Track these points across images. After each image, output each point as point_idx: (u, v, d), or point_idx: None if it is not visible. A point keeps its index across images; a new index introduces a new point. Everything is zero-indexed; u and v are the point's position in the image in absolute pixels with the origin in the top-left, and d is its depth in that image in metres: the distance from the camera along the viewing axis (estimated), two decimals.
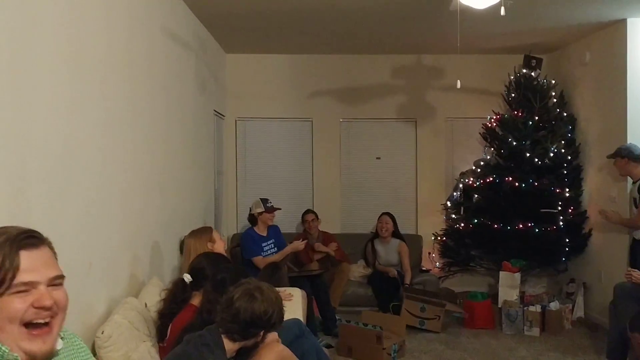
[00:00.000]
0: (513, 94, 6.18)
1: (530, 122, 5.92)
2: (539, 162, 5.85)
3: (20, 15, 2.14)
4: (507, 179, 5.85)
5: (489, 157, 6.29)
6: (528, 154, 5.85)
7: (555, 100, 6.10)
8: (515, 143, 5.92)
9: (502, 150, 6.08)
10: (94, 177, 2.79)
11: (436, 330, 5.30)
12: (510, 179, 5.83)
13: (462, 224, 6.20)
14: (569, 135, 6.05)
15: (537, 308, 5.38)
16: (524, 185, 5.79)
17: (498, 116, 6.24)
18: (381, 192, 6.87)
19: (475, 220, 6.04)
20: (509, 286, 5.61)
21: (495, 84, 6.49)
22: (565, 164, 5.96)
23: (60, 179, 2.44)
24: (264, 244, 5.31)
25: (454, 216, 6.40)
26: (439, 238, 6.51)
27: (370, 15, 5.04)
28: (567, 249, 5.90)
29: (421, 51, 6.60)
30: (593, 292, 5.76)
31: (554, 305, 5.47)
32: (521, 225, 5.77)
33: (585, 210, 5.97)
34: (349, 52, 6.63)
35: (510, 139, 5.95)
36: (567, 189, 5.86)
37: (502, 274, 5.69)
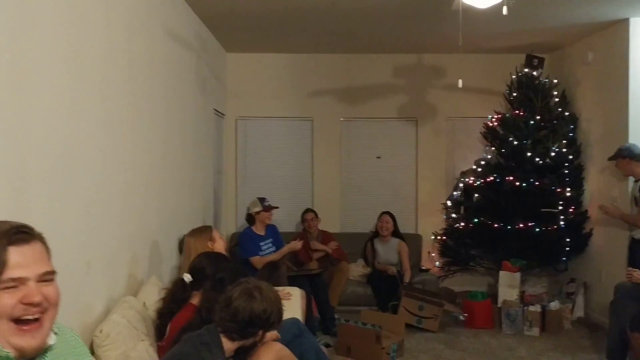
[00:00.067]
0: (515, 94, 6.17)
1: (532, 122, 5.91)
2: (540, 162, 5.83)
3: (20, 15, 2.14)
4: (507, 178, 5.84)
5: (489, 156, 6.28)
6: (529, 154, 5.84)
7: (557, 99, 6.09)
8: (516, 142, 5.91)
9: (503, 150, 6.06)
10: (94, 177, 2.80)
11: (433, 329, 5.30)
12: (511, 178, 5.82)
13: (462, 224, 6.19)
14: (571, 134, 6.05)
15: (537, 308, 5.38)
16: (524, 184, 5.78)
17: (499, 115, 6.24)
18: (381, 192, 6.86)
19: (476, 220, 6.03)
20: (509, 286, 5.61)
21: (496, 83, 6.48)
22: (567, 164, 5.95)
23: (60, 179, 2.44)
24: (262, 244, 5.30)
25: (454, 215, 6.39)
26: (438, 237, 6.50)
27: (370, 15, 5.04)
28: (567, 248, 5.89)
29: (422, 50, 6.59)
30: (593, 292, 5.76)
31: (554, 305, 5.47)
32: (522, 225, 5.76)
33: (586, 210, 5.97)
34: (349, 52, 6.63)
35: (511, 139, 5.94)
36: (568, 189, 5.85)
37: (502, 274, 5.68)
